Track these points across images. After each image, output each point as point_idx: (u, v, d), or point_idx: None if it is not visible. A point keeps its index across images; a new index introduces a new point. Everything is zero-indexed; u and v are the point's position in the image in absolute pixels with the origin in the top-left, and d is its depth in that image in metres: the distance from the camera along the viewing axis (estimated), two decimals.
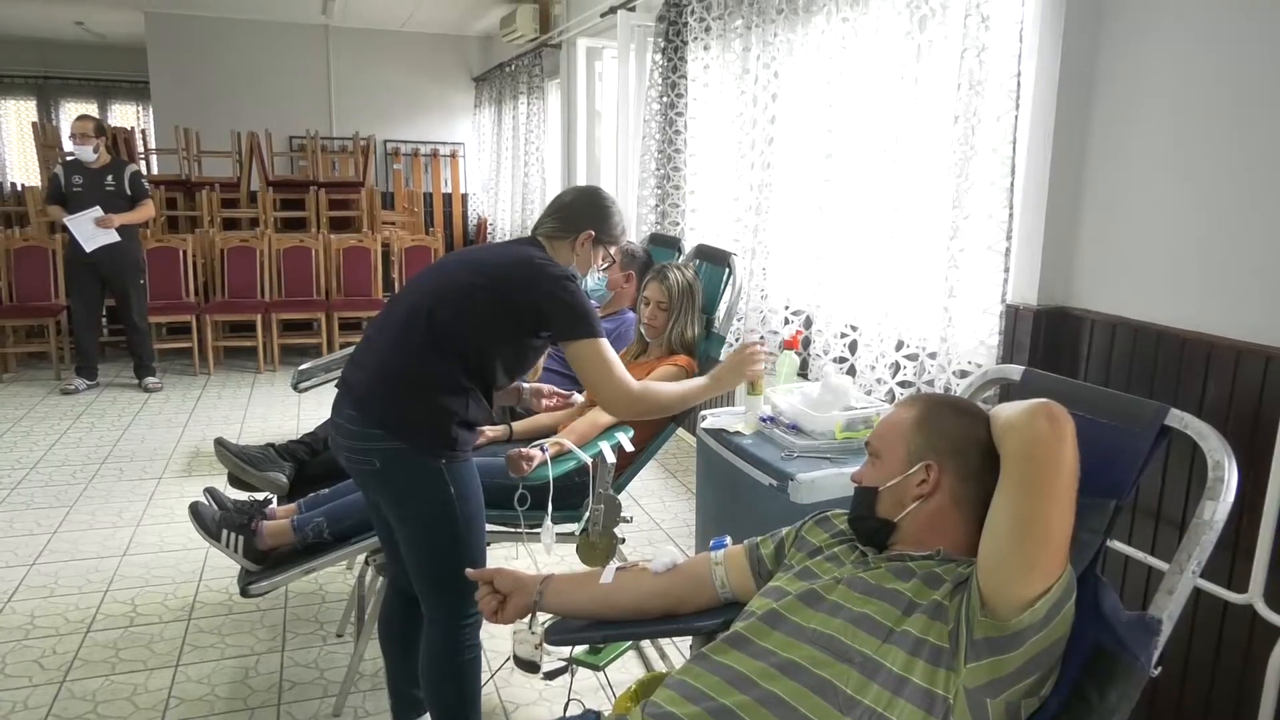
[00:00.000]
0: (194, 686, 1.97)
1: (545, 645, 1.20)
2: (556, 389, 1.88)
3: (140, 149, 6.69)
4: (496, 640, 2.07)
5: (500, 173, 6.55)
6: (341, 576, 2.51)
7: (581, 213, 1.62)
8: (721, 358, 2.04)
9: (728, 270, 2.22)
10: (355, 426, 1.44)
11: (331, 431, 1.52)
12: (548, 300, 1.45)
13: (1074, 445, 0.91)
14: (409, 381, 1.43)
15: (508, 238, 6.42)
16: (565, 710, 1.62)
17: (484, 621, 1.31)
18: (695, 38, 3.19)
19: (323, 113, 7.03)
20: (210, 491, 1.81)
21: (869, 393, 2.17)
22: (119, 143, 6.07)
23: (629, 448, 1.80)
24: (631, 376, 1.53)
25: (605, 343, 1.49)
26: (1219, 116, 1.50)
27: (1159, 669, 0.89)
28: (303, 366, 2.27)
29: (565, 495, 1.73)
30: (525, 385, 1.85)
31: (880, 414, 1.79)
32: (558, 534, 1.69)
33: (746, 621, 1.01)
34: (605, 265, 1.71)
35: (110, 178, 4.33)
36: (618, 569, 1.19)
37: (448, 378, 1.44)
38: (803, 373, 2.40)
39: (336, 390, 1.53)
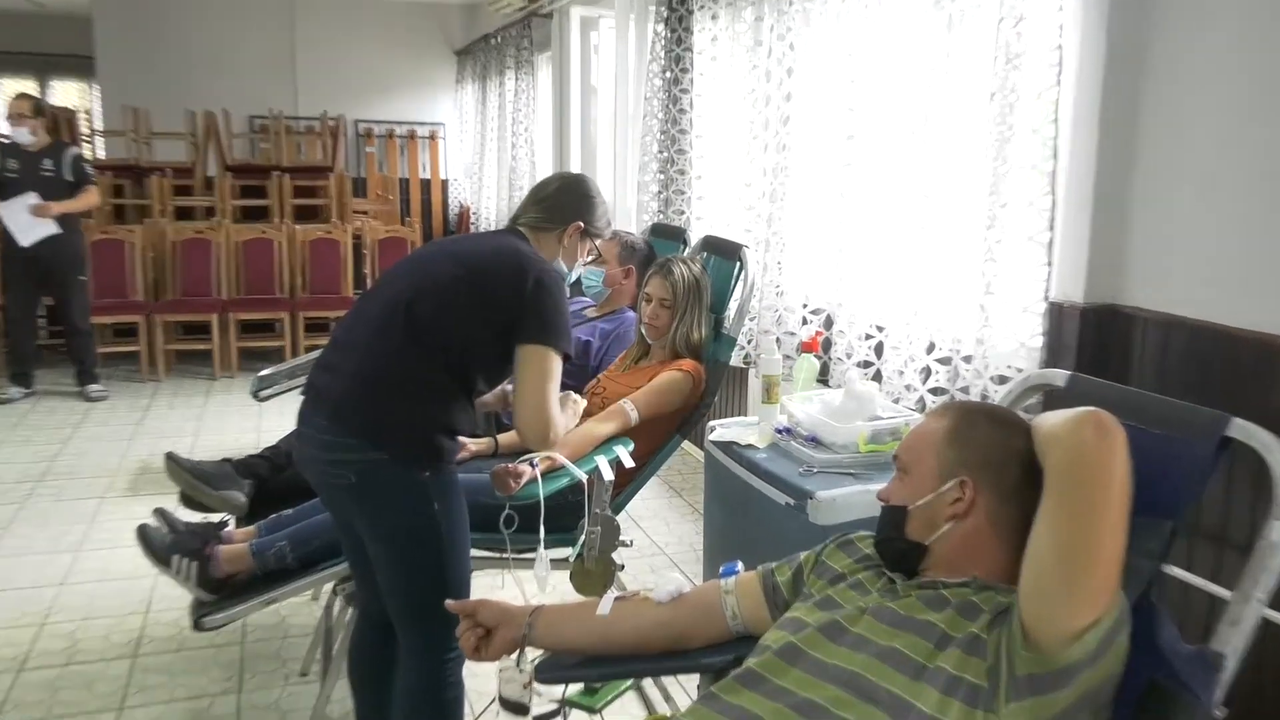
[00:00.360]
0: None
1: (535, 685, 1.19)
2: None
3: (84, 131, 6.72)
4: (479, 679, 2.06)
5: (485, 156, 6.56)
6: (307, 608, 2.50)
7: (568, 203, 1.66)
8: (733, 361, 2.04)
9: (739, 264, 2.22)
10: (329, 436, 1.44)
11: (298, 444, 1.52)
12: (530, 297, 1.48)
13: (1125, 458, 0.91)
14: (389, 385, 1.44)
15: (493, 228, 6.44)
16: None
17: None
18: (701, 6, 3.20)
19: (287, 90, 7.05)
20: (160, 512, 1.81)
21: (897, 401, 2.17)
22: (60, 124, 6.09)
23: (629, 463, 1.80)
24: (558, 407, 1.54)
25: (559, 362, 1.51)
26: None
27: (1226, 710, 0.89)
28: (264, 373, 2.27)
29: (557, 516, 1.72)
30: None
31: (910, 424, 1.79)
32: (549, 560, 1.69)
33: (761, 657, 1.01)
34: (590, 259, 1.74)
35: (49, 162, 4.34)
36: (616, 599, 1.19)
37: (431, 380, 1.45)
38: (823, 378, 2.40)
39: (303, 398, 1.53)
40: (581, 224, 1.66)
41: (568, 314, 1.55)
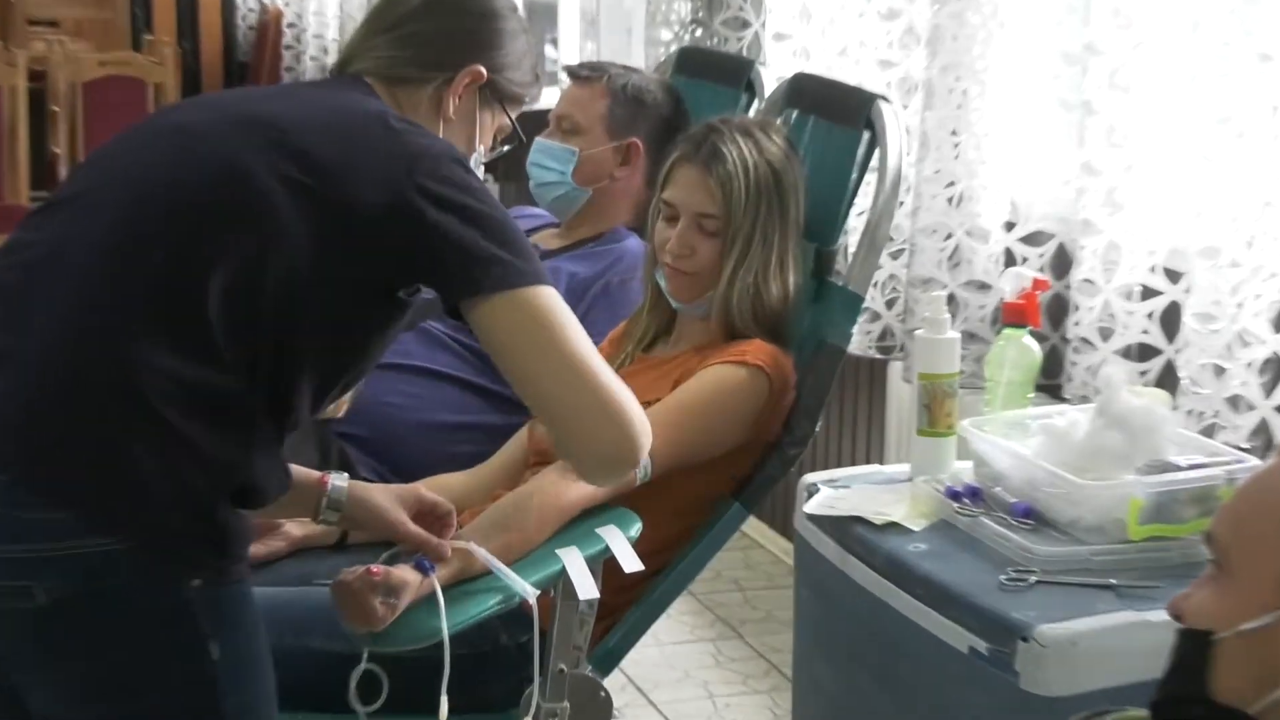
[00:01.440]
0: None
1: None
2: (427, 539, 1.78)
3: None
4: None
5: None
6: None
7: (449, 29, 1.75)
8: (854, 346, 2.06)
9: (868, 135, 2.24)
10: None
11: None
12: (432, 208, 1.53)
13: None
14: (117, 399, 1.47)
15: (324, 70, 6.46)
16: None
17: None
18: None
19: None
20: None
21: (1208, 432, 2.19)
22: None
23: (631, 565, 1.83)
24: (613, 375, 1.61)
25: (555, 296, 1.58)
26: None
27: None
28: None
29: (477, 676, 1.76)
30: (339, 485, 1.80)
31: (1236, 482, 1.80)
32: None
33: None
34: (505, 146, 1.85)
35: None
36: None
37: (205, 392, 1.48)
38: (1050, 382, 2.42)
39: None
40: (481, 69, 1.72)
41: (507, 212, 1.62)
